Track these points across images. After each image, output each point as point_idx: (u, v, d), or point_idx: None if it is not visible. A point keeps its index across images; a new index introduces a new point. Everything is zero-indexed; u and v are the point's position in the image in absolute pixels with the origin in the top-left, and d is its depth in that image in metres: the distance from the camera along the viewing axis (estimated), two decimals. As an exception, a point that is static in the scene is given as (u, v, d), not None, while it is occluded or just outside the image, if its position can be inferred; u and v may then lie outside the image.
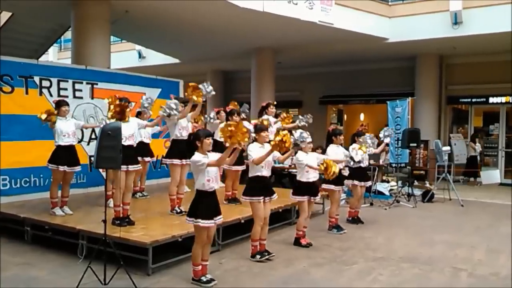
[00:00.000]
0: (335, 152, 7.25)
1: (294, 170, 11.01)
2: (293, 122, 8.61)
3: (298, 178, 6.55)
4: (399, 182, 11.89)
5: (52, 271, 5.40)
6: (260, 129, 5.85)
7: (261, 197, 5.71)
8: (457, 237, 7.39)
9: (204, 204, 4.82)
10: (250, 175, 5.79)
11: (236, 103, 8.42)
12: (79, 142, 8.00)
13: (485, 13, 11.42)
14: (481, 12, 11.52)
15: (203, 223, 4.76)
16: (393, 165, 12.55)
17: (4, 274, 5.27)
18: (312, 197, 6.59)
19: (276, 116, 8.62)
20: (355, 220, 8.25)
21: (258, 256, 5.86)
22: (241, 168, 7.85)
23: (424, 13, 12.31)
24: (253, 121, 7.82)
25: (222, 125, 7.70)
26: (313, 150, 6.85)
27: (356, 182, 8.00)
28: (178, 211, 6.77)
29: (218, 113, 8.49)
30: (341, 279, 5.37)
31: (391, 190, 11.57)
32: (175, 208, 6.84)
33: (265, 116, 8.22)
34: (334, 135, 7.40)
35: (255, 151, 5.65)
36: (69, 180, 6.86)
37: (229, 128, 4.65)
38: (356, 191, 8.11)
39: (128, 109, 6.32)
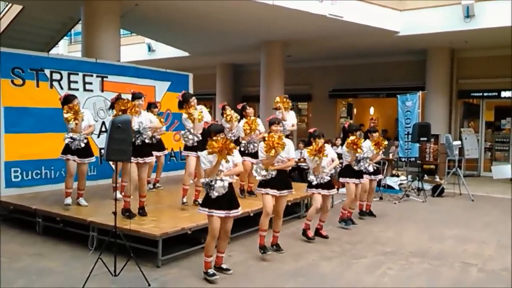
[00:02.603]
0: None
1: (303, 164, 11.03)
2: None
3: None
4: (409, 177, 11.83)
5: (63, 262, 5.47)
6: (271, 123, 5.78)
7: (269, 189, 5.66)
8: (467, 232, 7.35)
9: (216, 196, 4.81)
10: None
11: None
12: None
13: (498, 6, 11.24)
14: (494, 5, 11.35)
15: (209, 212, 4.79)
16: (403, 159, 12.48)
17: (16, 265, 5.35)
18: (326, 191, 6.54)
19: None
20: (363, 212, 8.24)
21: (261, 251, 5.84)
22: (254, 160, 7.85)
23: (436, 6, 12.15)
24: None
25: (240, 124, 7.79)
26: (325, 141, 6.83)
27: (366, 177, 7.96)
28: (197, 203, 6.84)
29: (223, 108, 8.48)
30: (350, 273, 5.37)
31: (400, 184, 11.54)
32: (196, 200, 6.92)
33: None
34: (351, 132, 7.37)
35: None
36: (84, 172, 6.87)
37: (216, 144, 4.65)
38: (363, 184, 8.08)
39: (138, 104, 6.33)
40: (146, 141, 6.31)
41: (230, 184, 4.90)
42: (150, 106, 7.92)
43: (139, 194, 6.37)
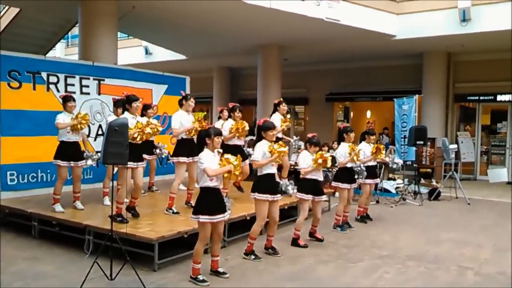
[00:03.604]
0: (346, 150, 7.22)
1: (299, 168, 11.02)
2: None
3: (301, 176, 6.52)
4: (406, 180, 11.84)
5: (59, 266, 5.44)
6: (267, 127, 5.72)
7: (268, 195, 5.65)
8: (463, 236, 7.36)
9: (207, 200, 4.82)
10: (258, 173, 5.73)
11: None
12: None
13: (494, 10, 11.31)
14: (490, 9, 11.42)
15: (203, 218, 4.77)
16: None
17: (11, 268, 5.33)
18: (316, 197, 6.49)
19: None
20: (363, 217, 8.23)
21: (252, 257, 5.85)
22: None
23: (432, 10, 12.20)
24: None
25: (226, 123, 7.75)
26: (320, 148, 6.81)
27: (367, 181, 7.96)
28: (191, 206, 6.81)
29: (221, 111, 8.47)
30: (346, 277, 5.37)
31: (397, 188, 11.54)
32: (188, 202, 6.94)
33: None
34: (346, 133, 7.35)
35: (260, 151, 5.62)
36: (78, 175, 6.89)
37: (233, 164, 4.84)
38: (365, 189, 8.08)
39: (135, 107, 6.36)
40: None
41: (218, 189, 4.91)
42: (145, 108, 7.87)
43: (132, 195, 6.37)
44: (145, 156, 7.01)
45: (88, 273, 4.65)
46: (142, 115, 7.29)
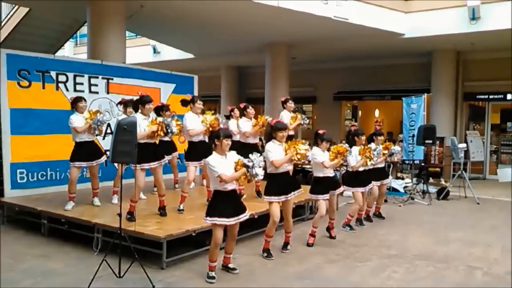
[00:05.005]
0: (358, 153, 7.19)
1: (308, 166, 11.01)
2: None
3: (315, 174, 6.50)
4: (414, 179, 11.78)
5: (68, 264, 5.49)
6: (277, 128, 5.67)
7: (278, 197, 5.67)
8: (472, 236, 7.31)
9: (220, 203, 4.83)
10: (268, 171, 5.70)
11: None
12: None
13: (504, 8, 11.19)
14: (500, 7, 11.30)
15: (211, 220, 4.81)
16: (406, 162, 12.43)
17: (21, 266, 5.39)
18: (332, 191, 6.51)
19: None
20: (369, 217, 8.20)
21: (264, 254, 5.90)
22: None
23: (441, 8, 12.11)
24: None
25: (241, 122, 7.75)
26: (331, 145, 6.79)
27: (374, 182, 7.92)
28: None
29: (232, 110, 8.48)
30: (354, 276, 5.35)
31: (405, 187, 11.49)
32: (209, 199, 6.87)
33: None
34: (356, 136, 7.30)
35: (274, 151, 5.59)
36: (94, 173, 7.04)
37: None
38: (372, 189, 8.04)
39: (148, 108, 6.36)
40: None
41: (234, 190, 4.92)
42: (162, 109, 7.76)
43: (158, 193, 6.50)
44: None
45: (97, 271, 4.68)
46: (159, 116, 7.21)
